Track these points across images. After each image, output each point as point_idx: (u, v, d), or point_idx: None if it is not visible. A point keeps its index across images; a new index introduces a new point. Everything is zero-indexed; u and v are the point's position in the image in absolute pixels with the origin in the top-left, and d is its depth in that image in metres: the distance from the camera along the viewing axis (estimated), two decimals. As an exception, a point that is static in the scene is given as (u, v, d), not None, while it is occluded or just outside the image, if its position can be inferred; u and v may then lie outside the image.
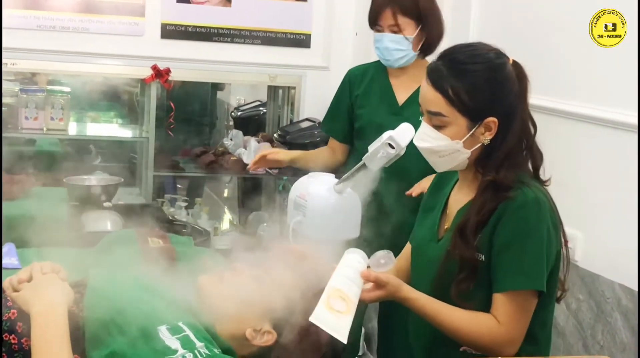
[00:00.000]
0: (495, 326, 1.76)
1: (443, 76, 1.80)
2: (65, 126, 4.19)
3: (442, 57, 1.85)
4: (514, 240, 1.76)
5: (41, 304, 1.64)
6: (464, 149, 1.81)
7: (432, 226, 1.97)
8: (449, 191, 1.99)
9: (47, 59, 3.97)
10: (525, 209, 1.76)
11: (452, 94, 1.78)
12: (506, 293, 1.77)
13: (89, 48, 3.99)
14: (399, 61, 2.90)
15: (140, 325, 1.62)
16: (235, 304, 1.78)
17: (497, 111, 1.80)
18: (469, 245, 1.79)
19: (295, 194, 2.51)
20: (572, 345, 2.61)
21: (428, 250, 1.94)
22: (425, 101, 1.84)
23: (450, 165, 1.86)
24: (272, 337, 1.78)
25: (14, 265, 2.49)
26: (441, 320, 1.79)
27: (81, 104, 4.69)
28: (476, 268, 1.79)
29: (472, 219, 1.80)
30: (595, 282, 2.53)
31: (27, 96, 4.10)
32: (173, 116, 4.31)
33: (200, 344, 1.62)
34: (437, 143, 1.82)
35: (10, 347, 1.60)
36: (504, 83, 1.81)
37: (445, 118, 1.80)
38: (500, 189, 1.79)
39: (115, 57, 4.06)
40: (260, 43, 4.23)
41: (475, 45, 1.88)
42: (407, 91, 2.95)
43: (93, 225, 3.28)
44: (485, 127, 1.80)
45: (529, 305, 1.79)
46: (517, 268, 1.76)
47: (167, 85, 4.12)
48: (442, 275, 1.84)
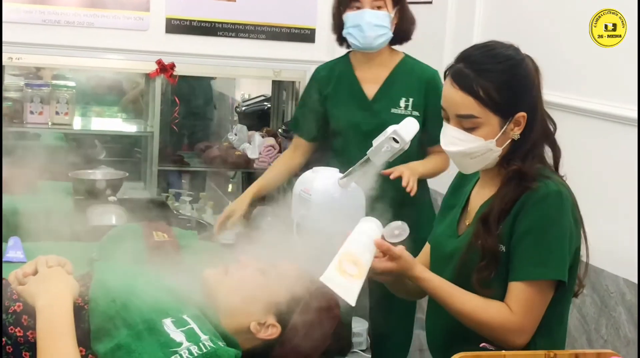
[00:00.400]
0: (508, 314, 1.76)
1: (470, 78, 1.79)
2: (70, 120, 4.20)
3: (462, 60, 1.84)
4: (533, 230, 1.77)
5: (47, 297, 1.64)
6: (496, 148, 1.82)
7: (451, 222, 1.98)
8: (470, 189, 1.99)
9: (52, 54, 3.98)
10: (548, 201, 1.77)
11: (483, 94, 1.78)
12: (522, 282, 1.77)
13: (94, 43, 4.00)
14: (378, 40, 2.81)
15: (145, 318, 1.63)
16: (239, 297, 1.79)
17: (525, 105, 1.82)
18: (492, 233, 1.80)
19: (300, 189, 2.51)
20: (576, 339, 2.61)
21: (447, 245, 1.94)
22: (454, 105, 1.83)
23: (480, 166, 1.87)
24: (276, 330, 1.78)
25: (19, 258, 2.50)
26: (453, 302, 1.80)
27: (86, 98, 4.69)
28: (497, 257, 1.79)
29: (495, 209, 1.81)
30: (599, 277, 2.53)
31: (32, 90, 4.11)
32: (178, 110, 4.31)
33: (205, 337, 1.63)
34: (469, 145, 1.82)
35: (16, 340, 1.61)
36: (527, 77, 1.83)
37: (477, 119, 1.80)
38: (524, 179, 1.80)
39: (120, 52, 4.07)
40: (265, 38, 4.23)
41: (490, 44, 1.87)
42: (376, 84, 2.91)
43: (98, 219, 3.29)
44: (515, 123, 1.82)
45: (544, 296, 1.78)
46: (535, 258, 1.76)
47: (172, 80, 4.13)
48: (463, 266, 1.84)
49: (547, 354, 1.65)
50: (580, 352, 1.68)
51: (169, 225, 2.83)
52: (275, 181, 3.15)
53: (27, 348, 1.61)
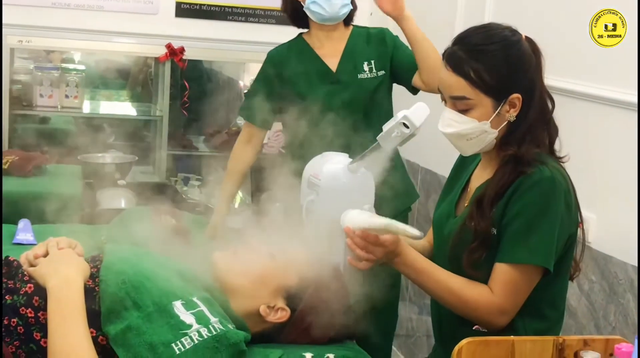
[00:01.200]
0: (488, 295, 1.77)
1: (462, 60, 1.80)
2: (79, 103, 4.21)
3: (457, 42, 1.85)
4: (522, 214, 1.77)
5: (57, 278, 1.66)
6: (491, 130, 1.82)
7: (451, 202, 1.98)
8: (472, 171, 1.99)
9: (61, 37, 3.99)
10: (539, 187, 1.77)
11: (474, 76, 1.79)
12: (506, 264, 1.77)
13: (104, 26, 4.00)
14: (343, 10, 2.85)
15: (156, 300, 1.64)
16: (249, 280, 1.80)
17: (519, 87, 1.81)
18: (485, 216, 1.80)
19: (309, 174, 2.51)
20: (584, 326, 2.62)
21: (446, 225, 1.95)
22: (447, 87, 1.84)
23: (478, 147, 1.86)
24: (285, 314, 1.79)
25: (29, 240, 2.52)
26: (435, 280, 1.80)
27: (95, 82, 4.70)
28: (489, 239, 1.80)
29: (489, 192, 1.81)
30: (608, 264, 2.53)
31: (41, 73, 4.12)
32: (187, 94, 4.31)
33: (215, 319, 1.64)
34: (464, 127, 1.82)
35: (27, 321, 1.62)
36: (522, 58, 1.82)
37: (470, 101, 1.80)
38: (520, 163, 1.80)
39: (130, 36, 4.07)
40: (275, 22, 4.22)
41: (487, 26, 1.88)
42: (336, 57, 2.93)
43: (107, 202, 3.31)
44: (510, 105, 1.81)
45: (527, 280, 1.78)
46: (521, 242, 1.76)
47: (181, 64, 4.13)
48: (456, 246, 1.85)
49: (555, 340, 1.65)
50: (588, 338, 1.68)
51: (177, 209, 2.84)
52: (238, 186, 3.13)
53: (38, 329, 1.62)
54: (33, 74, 4.17)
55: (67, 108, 4.20)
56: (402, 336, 3.87)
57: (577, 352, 1.64)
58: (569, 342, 1.65)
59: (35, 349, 1.61)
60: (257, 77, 3.07)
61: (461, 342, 1.63)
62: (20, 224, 2.68)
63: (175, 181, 4.37)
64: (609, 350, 1.65)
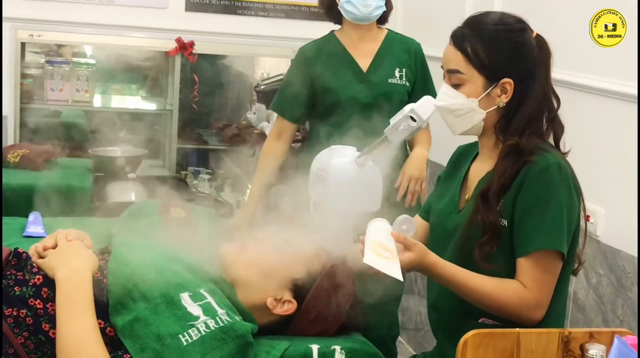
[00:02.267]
0: (522, 290, 1.77)
1: (464, 36, 1.86)
2: (90, 97, 4.23)
3: (465, 22, 1.91)
4: (536, 203, 1.78)
5: (66, 270, 1.67)
6: (479, 109, 1.85)
7: (452, 197, 1.98)
8: (469, 164, 2.00)
9: (72, 31, 4.00)
10: (548, 172, 1.78)
11: (471, 52, 1.84)
12: (530, 256, 1.77)
13: (114, 20, 4.01)
14: (376, 12, 2.88)
15: (163, 292, 1.65)
16: (256, 273, 1.81)
17: (514, 73, 1.84)
18: (492, 208, 1.81)
19: (317, 167, 2.51)
20: (592, 320, 2.62)
21: (448, 221, 1.95)
22: (446, 60, 1.90)
23: (466, 126, 1.88)
24: (292, 306, 1.80)
25: (39, 233, 2.54)
26: (469, 286, 1.79)
27: (106, 76, 4.71)
28: (499, 231, 1.80)
29: (494, 184, 1.82)
30: (616, 257, 2.53)
31: (52, 67, 4.14)
32: (197, 89, 4.32)
33: (222, 311, 1.65)
34: (453, 101, 1.86)
35: (36, 312, 1.64)
36: (522, 46, 1.85)
37: (462, 75, 1.85)
38: (522, 154, 1.81)
39: (140, 30, 4.08)
40: (284, 16, 4.23)
41: (497, 12, 1.93)
42: (368, 57, 2.96)
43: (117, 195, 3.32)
44: (502, 89, 1.84)
45: (553, 266, 1.79)
46: (540, 229, 1.77)
47: (191, 58, 4.14)
48: (465, 242, 1.85)
49: (561, 332, 1.65)
50: (595, 331, 1.68)
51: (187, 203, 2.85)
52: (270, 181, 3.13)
53: (47, 320, 1.63)
54: (44, 68, 4.19)
55: (78, 102, 4.22)
56: (410, 329, 3.88)
57: (582, 344, 1.64)
58: (574, 335, 1.65)
59: (44, 340, 1.62)
60: (288, 72, 3.11)
61: (467, 334, 1.63)
62: (31, 217, 2.70)
63: (186, 175, 4.39)
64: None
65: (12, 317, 1.62)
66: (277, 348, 1.72)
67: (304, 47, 3.07)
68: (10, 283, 1.67)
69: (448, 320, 1.96)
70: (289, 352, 1.74)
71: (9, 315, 1.62)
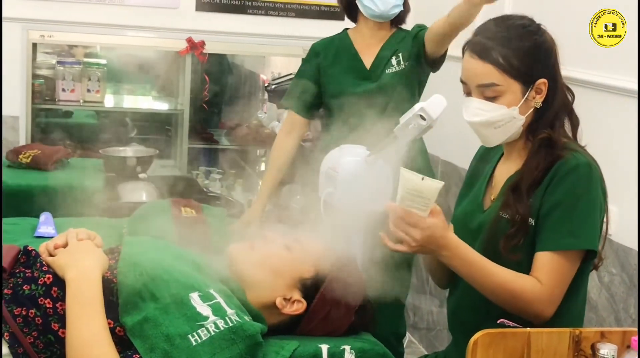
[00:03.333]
0: (538, 286, 1.75)
1: (489, 47, 1.81)
2: (101, 98, 4.24)
3: (479, 32, 1.86)
4: (563, 202, 1.76)
5: (76, 269, 1.67)
6: (519, 116, 1.82)
7: (476, 197, 1.97)
8: (495, 164, 1.98)
9: (83, 32, 4.01)
10: (578, 172, 1.77)
11: (503, 61, 1.80)
12: (551, 253, 1.76)
13: (125, 20, 4.02)
14: (394, 10, 2.91)
15: (173, 292, 1.65)
16: (265, 272, 1.80)
17: (545, 72, 1.83)
18: (523, 201, 1.79)
19: (327, 166, 2.51)
20: (605, 319, 2.60)
21: (472, 220, 1.93)
22: (474, 76, 1.84)
23: (504, 136, 1.86)
24: (301, 306, 1.80)
25: (50, 233, 2.54)
26: (485, 272, 1.77)
27: (117, 76, 4.73)
28: (527, 225, 1.79)
29: (526, 177, 1.81)
30: (628, 256, 2.52)
31: (64, 68, 4.16)
32: (207, 88, 4.33)
33: (231, 311, 1.65)
34: (492, 114, 1.82)
35: (45, 311, 1.64)
36: (545, 44, 1.84)
37: (499, 87, 1.81)
38: (554, 147, 1.81)
39: (151, 30, 4.09)
40: (295, 15, 4.23)
41: (504, 16, 1.90)
42: (372, 55, 2.98)
43: (128, 195, 3.33)
44: (537, 90, 1.83)
45: (572, 266, 1.78)
46: (566, 228, 1.76)
47: (202, 58, 4.14)
48: (491, 239, 1.83)
49: (572, 332, 1.64)
50: (606, 330, 1.67)
51: (198, 202, 2.85)
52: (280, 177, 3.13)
53: (56, 319, 1.63)
54: (55, 69, 4.21)
55: (89, 102, 4.23)
56: (422, 329, 3.87)
57: (593, 344, 1.63)
58: (585, 334, 1.64)
59: (54, 340, 1.62)
60: (300, 68, 3.14)
61: (477, 334, 1.62)
62: (42, 217, 2.70)
63: (197, 175, 4.39)
64: (626, 342, 1.64)
65: (22, 317, 1.62)
66: (286, 349, 1.72)
67: (315, 42, 3.13)
68: (19, 282, 1.67)
69: (467, 318, 1.95)
70: (299, 352, 1.73)
71: (18, 315, 1.62)
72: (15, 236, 2.42)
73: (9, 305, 1.63)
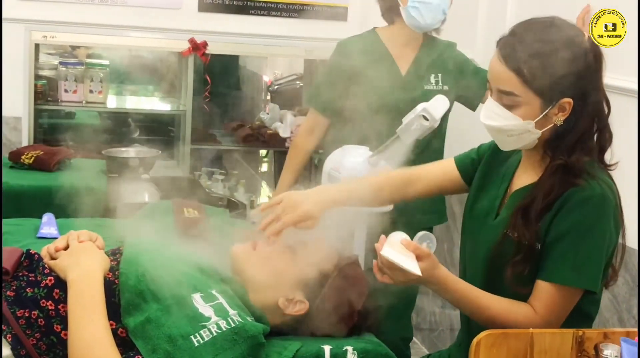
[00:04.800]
0: (532, 315, 1.72)
1: (518, 54, 1.69)
2: (104, 99, 4.24)
3: (516, 34, 1.74)
4: (571, 232, 1.70)
5: (78, 271, 1.67)
6: (534, 130, 1.73)
7: (493, 199, 1.89)
8: (514, 169, 1.90)
9: (85, 32, 4.01)
10: (590, 204, 1.70)
11: (528, 74, 1.68)
12: (551, 284, 1.72)
13: (127, 21, 4.02)
14: (437, 24, 2.82)
15: (175, 293, 1.65)
16: (267, 273, 1.80)
17: (573, 91, 1.70)
18: (531, 228, 1.73)
19: (330, 167, 2.52)
20: (608, 319, 2.60)
21: (484, 226, 1.88)
22: (497, 79, 1.73)
23: (517, 145, 1.78)
24: (304, 307, 1.79)
25: (53, 234, 2.54)
26: (479, 305, 1.75)
27: (120, 77, 4.73)
28: (534, 253, 1.74)
29: (538, 202, 1.73)
30: (631, 257, 2.51)
31: (66, 69, 4.15)
32: (209, 89, 4.33)
33: (234, 312, 1.65)
34: (506, 123, 1.73)
35: (48, 313, 1.64)
36: (581, 63, 1.70)
37: (518, 98, 1.70)
38: (570, 173, 1.72)
39: (153, 31, 4.08)
40: (297, 16, 4.22)
41: (551, 20, 1.76)
42: (407, 61, 2.89)
43: (131, 196, 3.32)
44: (560, 108, 1.71)
45: (571, 300, 1.74)
46: (571, 262, 1.70)
47: (204, 58, 4.14)
48: (496, 257, 1.80)
49: (575, 333, 1.64)
50: (609, 331, 1.67)
51: (200, 203, 2.85)
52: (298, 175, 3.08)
53: (58, 321, 1.63)
54: (58, 70, 4.21)
55: (92, 103, 4.23)
56: (425, 330, 3.86)
57: (597, 344, 1.63)
58: (588, 335, 1.64)
59: (56, 341, 1.62)
60: (326, 66, 3.03)
61: (480, 335, 1.62)
62: (44, 218, 2.70)
63: (199, 176, 4.39)
64: (629, 343, 1.63)
65: (24, 318, 1.62)
66: (289, 349, 1.72)
67: (343, 41, 2.98)
68: (22, 285, 1.68)
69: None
70: (301, 352, 1.73)
71: (20, 316, 1.62)
72: (17, 237, 2.42)
73: (11, 306, 1.63)
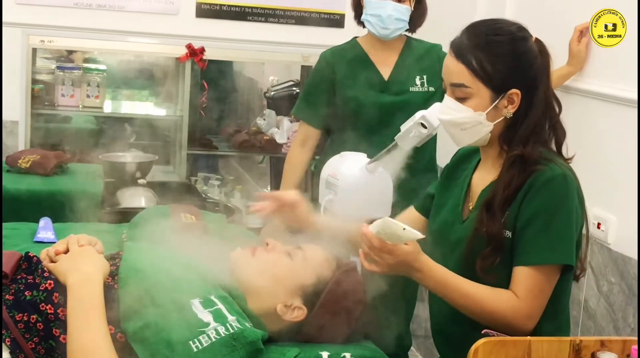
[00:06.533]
0: (515, 301, 1.75)
1: (466, 48, 1.81)
2: (100, 103, 4.25)
3: (465, 32, 1.85)
4: (540, 214, 1.75)
5: (77, 275, 1.67)
6: (486, 122, 1.81)
7: (455, 207, 1.95)
8: (472, 171, 1.97)
9: (83, 37, 4.02)
10: (553, 184, 1.76)
11: (476, 65, 1.79)
12: (528, 267, 1.75)
13: (125, 26, 4.03)
14: (395, 32, 2.87)
15: (174, 298, 1.65)
16: (266, 279, 1.80)
17: (520, 83, 1.80)
18: (496, 220, 1.78)
19: (327, 173, 2.52)
20: (604, 328, 2.61)
21: (452, 232, 1.92)
22: (449, 73, 1.84)
23: (472, 139, 1.85)
24: (302, 313, 1.80)
25: (50, 238, 2.54)
26: (461, 292, 1.77)
27: (117, 82, 4.74)
28: (502, 243, 1.78)
29: (499, 195, 1.79)
30: (627, 265, 2.52)
31: (63, 73, 4.16)
32: (206, 95, 4.33)
33: (232, 318, 1.65)
34: (459, 115, 1.81)
35: (47, 317, 1.64)
36: (527, 55, 1.81)
37: (468, 89, 1.80)
38: (527, 163, 1.79)
39: (151, 36, 4.09)
40: (294, 23, 4.24)
41: (496, 19, 1.89)
42: (389, 66, 2.96)
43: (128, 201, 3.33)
44: (509, 100, 1.81)
45: (550, 280, 1.77)
46: (542, 242, 1.75)
47: (202, 64, 4.15)
48: (469, 254, 1.83)
49: (572, 341, 1.65)
50: (605, 339, 1.67)
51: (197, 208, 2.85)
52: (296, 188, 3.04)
53: (57, 325, 1.63)
54: (55, 74, 4.21)
55: (89, 108, 4.24)
56: (420, 337, 3.87)
57: (594, 352, 1.63)
58: (586, 343, 1.64)
59: (55, 345, 1.62)
60: (310, 78, 3.10)
61: (477, 342, 1.62)
62: (42, 222, 2.70)
63: (196, 181, 4.40)
64: (626, 351, 1.64)
65: (23, 322, 1.62)
66: (287, 355, 1.71)
67: (325, 52, 3.06)
68: (21, 288, 1.67)
69: (450, 329, 1.94)
70: (299, 358, 1.73)
71: (19, 320, 1.62)
72: (14, 241, 2.42)
73: (10, 310, 1.63)
